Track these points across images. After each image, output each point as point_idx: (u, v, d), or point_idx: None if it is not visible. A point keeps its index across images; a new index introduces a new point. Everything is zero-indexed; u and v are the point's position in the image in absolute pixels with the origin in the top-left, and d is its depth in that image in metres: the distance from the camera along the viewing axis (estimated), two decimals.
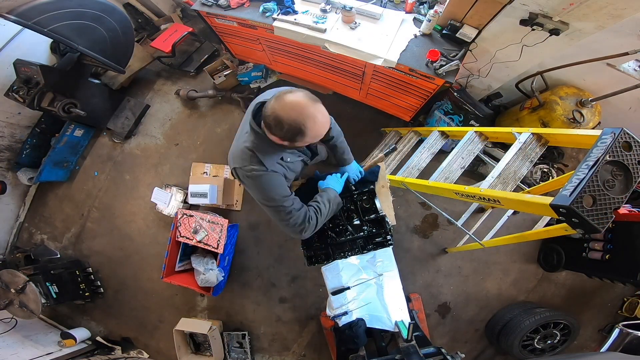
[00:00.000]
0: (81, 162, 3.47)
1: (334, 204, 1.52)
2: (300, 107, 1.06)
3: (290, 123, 1.06)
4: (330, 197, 1.51)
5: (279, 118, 1.06)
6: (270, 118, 1.08)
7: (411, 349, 1.72)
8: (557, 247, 2.61)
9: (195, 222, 2.65)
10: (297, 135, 1.10)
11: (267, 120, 1.11)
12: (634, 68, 2.10)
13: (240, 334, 2.82)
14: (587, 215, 1.08)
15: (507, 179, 1.58)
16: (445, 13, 2.02)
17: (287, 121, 1.06)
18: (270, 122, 1.09)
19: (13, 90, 2.76)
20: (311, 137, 1.13)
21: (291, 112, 1.05)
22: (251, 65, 3.23)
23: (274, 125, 1.09)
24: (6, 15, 2.09)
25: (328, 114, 1.16)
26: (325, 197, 1.50)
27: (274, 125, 1.09)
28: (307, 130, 1.09)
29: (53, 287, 2.81)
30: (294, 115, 1.05)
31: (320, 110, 1.10)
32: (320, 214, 1.43)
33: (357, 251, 1.77)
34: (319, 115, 1.10)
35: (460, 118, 2.52)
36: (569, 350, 2.51)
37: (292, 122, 1.06)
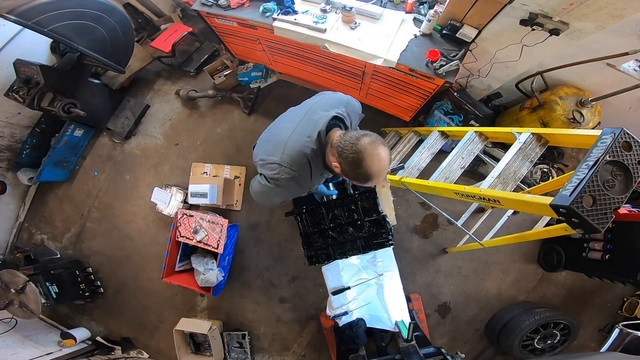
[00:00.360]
0: (81, 162, 3.47)
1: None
2: (382, 166, 1.10)
3: (366, 170, 1.09)
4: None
5: (361, 161, 1.07)
6: (352, 154, 1.08)
7: (411, 349, 1.72)
8: (557, 247, 2.61)
9: (195, 222, 2.65)
10: (359, 179, 1.14)
11: (345, 151, 1.10)
12: (634, 68, 2.10)
13: (240, 334, 2.82)
14: (587, 215, 1.08)
15: (507, 179, 1.58)
16: (445, 13, 2.02)
17: (365, 168, 1.08)
18: (348, 155, 1.09)
19: (13, 90, 2.76)
20: (364, 183, 1.16)
21: (373, 165, 1.08)
22: (251, 65, 3.23)
23: (351, 160, 1.09)
24: (6, 15, 2.09)
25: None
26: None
27: (350, 161, 1.10)
28: (369, 181, 1.13)
29: (53, 287, 2.80)
30: (373, 169, 1.09)
31: (385, 173, 1.15)
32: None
33: (357, 251, 1.77)
34: (384, 174, 1.14)
35: (460, 118, 2.52)
36: (569, 350, 2.51)
37: (369, 172, 1.09)
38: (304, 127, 1.24)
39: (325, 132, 1.19)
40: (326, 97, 1.38)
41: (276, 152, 1.24)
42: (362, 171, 1.09)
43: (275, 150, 1.24)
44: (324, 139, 1.20)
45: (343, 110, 1.29)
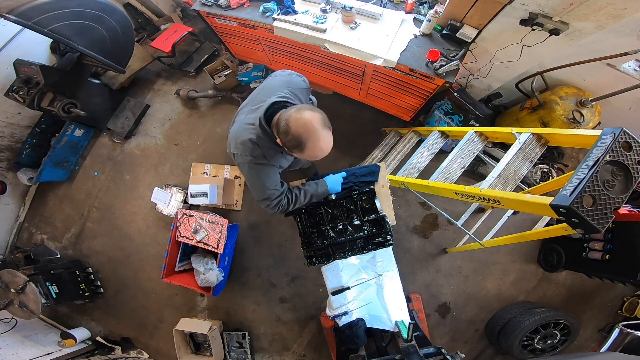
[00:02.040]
0: (81, 162, 3.47)
1: (315, 198, 1.64)
2: (310, 127, 1.15)
3: (294, 135, 1.16)
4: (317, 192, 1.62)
5: (288, 126, 1.16)
6: (282, 123, 1.18)
7: (411, 349, 1.72)
8: (557, 247, 2.61)
9: (195, 222, 2.65)
10: (295, 148, 1.20)
11: (279, 124, 1.20)
12: (634, 68, 2.10)
13: (240, 334, 2.82)
14: (587, 215, 1.08)
15: (507, 179, 1.58)
16: (445, 13, 2.02)
17: (293, 133, 1.16)
18: (280, 126, 1.19)
19: (13, 90, 2.76)
20: (307, 156, 1.22)
21: (300, 127, 1.15)
22: (251, 65, 3.23)
23: (282, 130, 1.18)
24: (6, 15, 2.10)
25: (330, 145, 1.23)
26: (312, 190, 1.60)
27: (282, 131, 1.19)
28: (305, 149, 1.19)
29: (53, 287, 2.81)
30: (301, 131, 1.15)
31: (325, 137, 1.19)
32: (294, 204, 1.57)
33: (357, 251, 1.77)
34: (322, 141, 1.19)
35: (460, 118, 2.52)
36: (569, 350, 2.51)
37: (297, 135, 1.16)
38: (246, 117, 1.39)
39: (264, 119, 1.28)
40: (268, 83, 1.48)
41: (231, 145, 1.41)
42: (291, 137, 1.16)
43: (230, 143, 1.41)
44: (265, 124, 1.29)
45: (286, 92, 1.37)
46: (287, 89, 1.40)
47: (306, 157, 1.24)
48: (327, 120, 1.20)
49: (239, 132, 1.37)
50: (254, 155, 1.34)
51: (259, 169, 1.38)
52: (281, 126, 1.18)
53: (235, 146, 1.37)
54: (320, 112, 1.19)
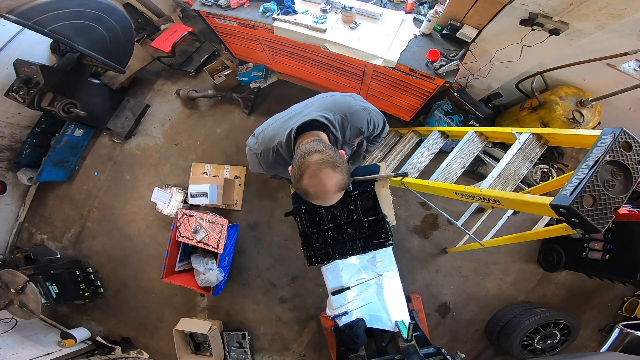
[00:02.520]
0: (81, 162, 3.47)
1: None
2: (319, 190, 1.03)
3: (304, 189, 1.05)
4: None
5: (302, 176, 1.03)
6: (298, 166, 1.04)
7: (411, 349, 1.72)
8: (557, 247, 2.61)
9: (195, 222, 2.65)
10: (299, 191, 1.08)
11: (295, 160, 1.06)
12: (634, 68, 2.10)
13: (240, 334, 2.82)
14: (587, 215, 1.08)
15: (507, 179, 1.58)
16: (445, 13, 2.02)
17: (304, 187, 1.04)
18: (295, 165, 1.05)
19: (13, 90, 2.76)
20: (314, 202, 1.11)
21: (312, 186, 1.03)
22: (251, 65, 3.23)
23: (295, 172, 1.05)
24: (6, 15, 2.09)
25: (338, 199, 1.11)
26: None
27: (295, 172, 1.05)
28: (312, 200, 1.07)
29: (53, 287, 2.81)
30: (312, 190, 1.03)
31: (335, 199, 1.08)
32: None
33: (357, 251, 1.77)
34: (330, 202, 1.08)
35: (460, 118, 2.52)
36: (569, 350, 2.51)
37: (306, 190, 1.04)
38: (290, 118, 1.23)
39: (295, 132, 1.15)
40: (330, 98, 1.30)
41: (261, 127, 1.33)
42: (300, 186, 1.04)
43: (264, 125, 1.34)
44: (293, 137, 1.16)
45: (336, 118, 1.20)
46: (341, 115, 1.23)
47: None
48: (345, 182, 1.06)
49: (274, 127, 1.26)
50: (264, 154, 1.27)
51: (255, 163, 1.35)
52: (294, 168, 1.05)
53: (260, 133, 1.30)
54: (342, 170, 1.04)
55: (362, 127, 1.29)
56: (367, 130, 1.32)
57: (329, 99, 1.29)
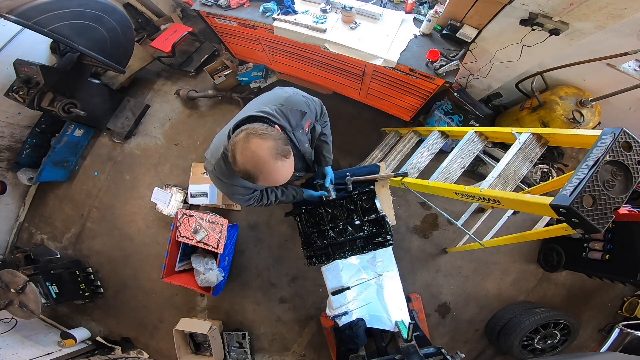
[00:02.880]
0: (81, 162, 3.47)
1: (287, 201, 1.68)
2: (258, 160, 1.00)
3: (241, 169, 1.03)
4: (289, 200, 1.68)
5: (235, 157, 1.02)
6: (229, 152, 1.04)
7: (411, 349, 1.72)
8: (557, 247, 2.61)
9: (195, 222, 2.65)
10: (247, 178, 1.05)
11: (227, 150, 1.07)
12: (634, 68, 2.10)
13: (240, 334, 2.82)
14: (587, 215, 1.08)
15: (507, 179, 1.58)
16: (445, 13, 2.02)
17: (240, 166, 1.02)
18: (228, 154, 1.06)
19: (13, 90, 2.76)
20: (262, 184, 1.09)
21: (248, 161, 1.01)
22: (251, 65, 3.23)
23: (230, 159, 1.05)
24: (6, 15, 2.09)
25: (290, 171, 1.09)
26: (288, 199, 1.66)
27: (230, 160, 1.05)
28: (258, 180, 1.05)
29: (53, 287, 2.81)
30: (248, 165, 1.01)
31: (278, 169, 1.04)
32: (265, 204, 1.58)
33: (357, 251, 1.77)
34: (275, 173, 1.04)
35: (460, 118, 2.52)
36: (569, 350, 2.51)
37: (245, 169, 1.02)
38: (228, 126, 1.24)
39: (232, 131, 1.14)
40: (261, 97, 1.35)
41: (208, 149, 1.35)
42: (239, 169, 1.02)
43: (210, 147, 1.35)
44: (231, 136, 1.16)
45: (272, 109, 1.21)
46: (277, 105, 1.24)
47: (261, 185, 1.16)
48: (282, 147, 1.03)
49: (217, 139, 1.30)
50: (217, 170, 1.27)
51: (221, 183, 1.32)
52: (229, 154, 1.04)
53: (209, 151, 1.33)
54: (272, 137, 1.02)
55: (302, 108, 1.31)
56: (310, 110, 1.35)
57: (260, 98, 1.35)
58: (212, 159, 1.28)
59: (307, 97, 1.38)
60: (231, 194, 1.40)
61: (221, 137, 1.26)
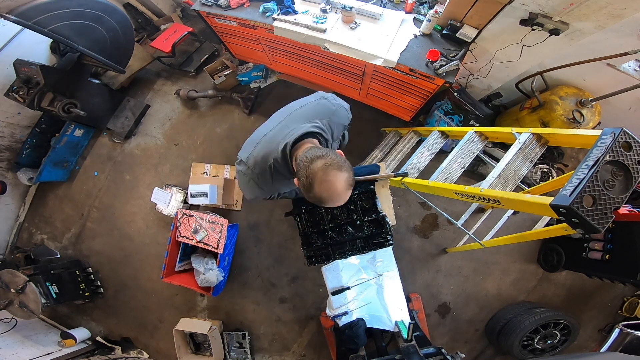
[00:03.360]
0: (81, 162, 3.47)
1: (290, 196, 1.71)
2: (334, 191, 1.06)
3: (317, 196, 1.07)
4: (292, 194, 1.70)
5: (312, 185, 1.05)
6: (304, 178, 1.07)
7: (411, 349, 1.72)
8: (557, 247, 2.61)
9: (195, 222, 2.65)
10: (311, 200, 1.11)
11: (300, 172, 1.08)
12: (634, 68, 2.10)
13: (240, 334, 2.82)
14: (587, 215, 1.08)
15: (507, 179, 1.58)
16: (445, 13, 2.02)
17: (316, 194, 1.06)
18: (301, 177, 1.08)
19: (13, 90, 2.76)
20: (326, 206, 1.13)
21: (324, 191, 1.05)
22: (251, 65, 3.23)
23: (303, 182, 1.07)
24: (6, 15, 2.09)
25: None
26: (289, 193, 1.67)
27: (303, 183, 1.07)
28: (326, 204, 1.10)
29: (53, 287, 2.81)
30: (325, 195, 1.06)
31: (345, 198, 1.11)
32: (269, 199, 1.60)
33: (357, 251, 1.77)
34: (343, 200, 1.11)
35: (460, 118, 2.52)
36: (569, 350, 2.51)
37: (319, 197, 1.07)
38: (276, 134, 1.25)
39: (291, 146, 1.18)
40: (311, 105, 1.35)
41: (246, 151, 1.32)
42: (312, 195, 1.07)
43: (247, 148, 1.33)
44: (289, 151, 1.19)
45: (323, 124, 1.27)
46: (327, 120, 1.30)
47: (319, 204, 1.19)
48: (352, 177, 1.10)
49: (261, 146, 1.27)
50: (261, 177, 1.28)
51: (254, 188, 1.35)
52: (302, 180, 1.07)
53: (248, 157, 1.29)
54: (347, 168, 1.08)
55: (345, 122, 1.41)
56: (349, 122, 1.47)
57: (309, 107, 1.34)
58: (257, 167, 1.27)
59: (348, 109, 1.43)
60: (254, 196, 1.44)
61: (272, 144, 1.24)
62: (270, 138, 1.27)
